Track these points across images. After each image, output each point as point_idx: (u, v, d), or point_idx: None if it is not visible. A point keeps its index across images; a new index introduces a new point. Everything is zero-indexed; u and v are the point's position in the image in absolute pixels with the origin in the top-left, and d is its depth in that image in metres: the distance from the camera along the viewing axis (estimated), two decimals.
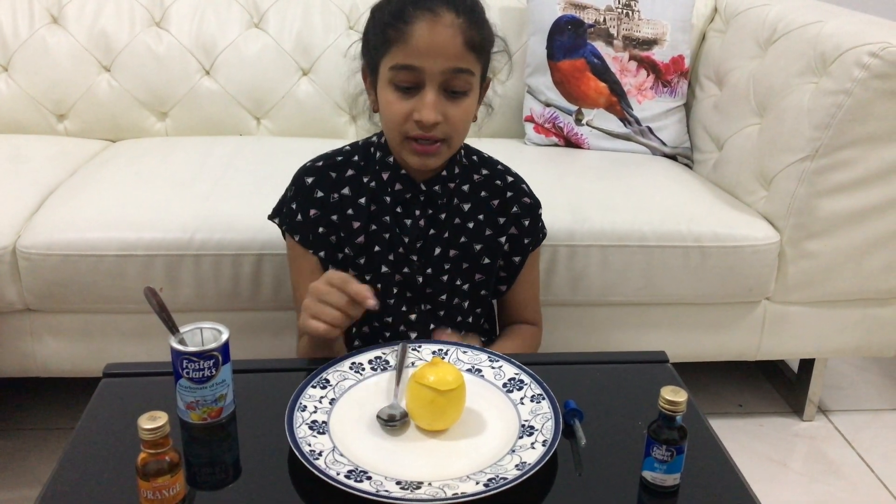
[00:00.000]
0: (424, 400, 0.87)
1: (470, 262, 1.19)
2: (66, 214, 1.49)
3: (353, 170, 1.17)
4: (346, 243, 1.17)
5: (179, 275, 1.45)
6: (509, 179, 1.21)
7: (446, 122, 1.05)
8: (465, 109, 1.07)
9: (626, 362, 1.08)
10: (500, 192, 1.20)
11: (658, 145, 1.94)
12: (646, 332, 1.63)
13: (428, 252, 1.17)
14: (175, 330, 0.90)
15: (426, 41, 1.01)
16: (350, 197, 1.16)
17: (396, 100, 1.05)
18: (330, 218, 1.16)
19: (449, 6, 1.03)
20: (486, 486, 0.78)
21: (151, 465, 0.75)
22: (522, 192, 1.22)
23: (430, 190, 1.15)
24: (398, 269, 1.16)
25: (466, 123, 1.09)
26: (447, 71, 1.03)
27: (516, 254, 1.22)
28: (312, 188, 1.16)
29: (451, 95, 1.05)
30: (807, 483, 1.63)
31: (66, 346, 1.51)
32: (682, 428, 0.81)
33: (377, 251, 1.16)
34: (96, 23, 1.94)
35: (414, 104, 1.04)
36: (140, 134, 1.99)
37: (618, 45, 1.91)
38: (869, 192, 1.55)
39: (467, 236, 1.18)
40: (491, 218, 1.19)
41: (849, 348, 1.73)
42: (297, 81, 1.99)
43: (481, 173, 1.20)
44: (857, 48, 1.46)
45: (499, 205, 1.20)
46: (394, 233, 1.16)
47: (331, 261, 1.18)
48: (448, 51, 1.02)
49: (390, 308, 1.18)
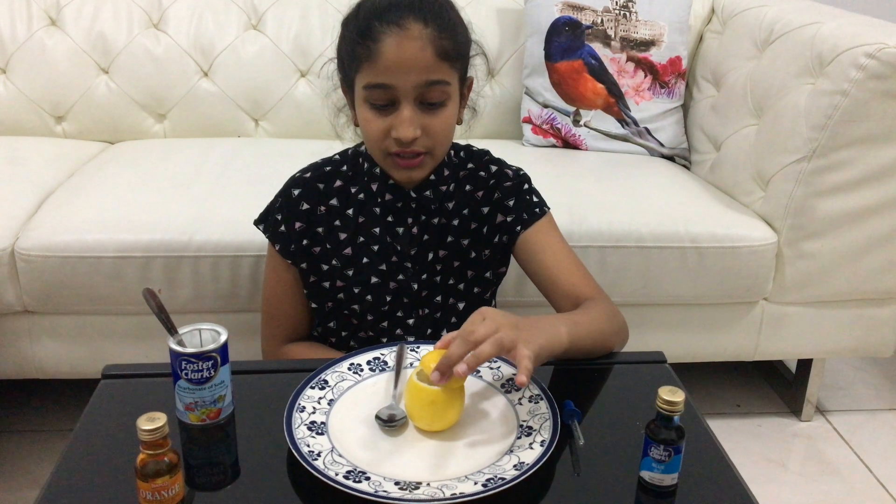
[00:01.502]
0: (423, 400, 0.87)
1: (460, 260, 1.18)
2: (65, 216, 1.49)
3: (341, 180, 1.16)
4: (334, 255, 1.16)
5: (178, 276, 1.45)
6: (493, 169, 1.18)
7: (426, 135, 1.03)
8: (444, 119, 1.04)
9: (624, 363, 1.08)
10: (484, 182, 1.17)
11: (656, 146, 1.94)
12: (644, 333, 1.64)
13: (422, 258, 1.16)
14: (174, 331, 0.90)
15: (395, 58, 0.99)
16: (338, 208, 1.15)
17: (373, 118, 1.03)
18: (315, 230, 1.15)
19: (416, 16, 0.99)
20: (484, 486, 0.79)
21: (150, 466, 0.75)
22: (505, 176, 1.18)
23: (421, 196, 1.14)
24: (392, 277, 1.16)
25: (448, 132, 1.07)
26: (420, 85, 1.00)
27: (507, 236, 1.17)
28: (298, 200, 1.15)
29: (428, 108, 1.03)
30: (805, 483, 1.64)
31: (64, 347, 1.51)
32: (679, 428, 0.81)
33: (366, 262, 1.15)
34: (94, 25, 1.94)
35: (391, 121, 1.02)
36: (138, 136, 1.99)
37: (615, 47, 1.92)
38: (866, 193, 1.55)
39: (454, 234, 1.17)
40: (475, 210, 1.17)
41: (846, 348, 1.73)
42: (296, 83, 2.00)
43: (467, 168, 1.18)
44: (853, 49, 1.46)
45: (483, 195, 1.17)
46: (385, 242, 1.15)
47: (314, 273, 1.17)
48: (419, 64, 0.99)
49: (385, 315, 1.18)
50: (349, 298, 1.17)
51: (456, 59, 1.04)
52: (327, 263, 1.16)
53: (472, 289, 1.20)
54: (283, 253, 1.16)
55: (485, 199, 1.17)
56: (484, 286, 1.22)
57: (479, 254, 1.19)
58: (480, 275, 1.20)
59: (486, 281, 1.21)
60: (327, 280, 1.17)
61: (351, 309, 1.18)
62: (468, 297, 1.21)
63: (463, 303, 1.20)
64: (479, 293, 1.21)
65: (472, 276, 1.19)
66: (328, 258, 1.16)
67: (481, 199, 1.17)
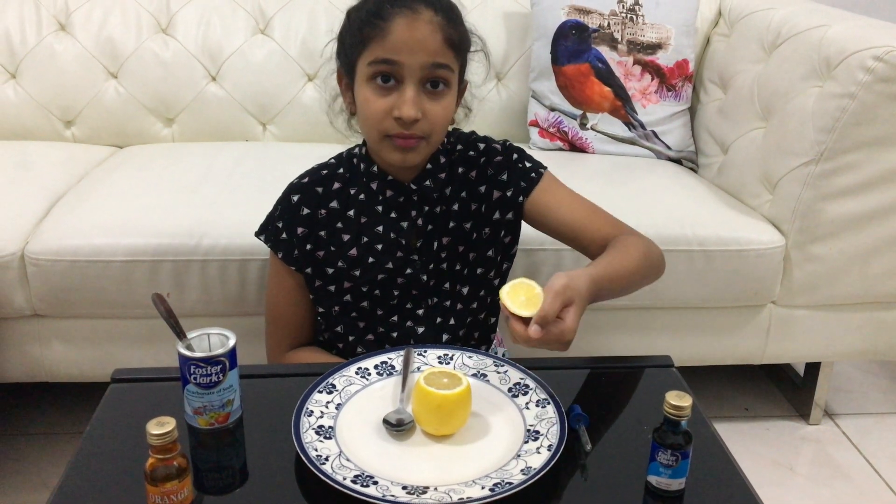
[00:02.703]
0: (430, 405, 0.88)
1: (464, 244, 1.18)
2: (74, 220, 1.50)
3: (339, 182, 1.16)
4: (338, 257, 1.16)
5: (186, 280, 1.46)
6: (481, 146, 1.19)
7: (426, 119, 1.04)
8: (444, 106, 1.06)
9: (631, 367, 1.08)
10: (475, 161, 1.18)
11: (663, 149, 1.94)
12: (651, 337, 1.63)
13: (429, 248, 1.16)
14: (182, 335, 0.91)
15: (405, 36, 1.01)
16: (338, 210, 1.16)
17: (375, 97, 1.04)
18: (318, 234, 1.16)
19: (427, 4, 1.02)
20: (491, 490, 0.79)
21: (159, 471, 0.75)
22: (494, 151, 1.18)
23: (421, 187, 1.14)
24: (400, 272, 1.16)
25: (446, 121, 1.08)
26: (427, 66, 1.02)
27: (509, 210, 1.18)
28: (298, 206, 1.15)
29: (430, 92, 1.04)
30: (813, 487, 1.63)
31: (74, 351, 1.52)
32: (687, 433, 0.81)
33: (372, 262, 1.15)
34: (103, 30, 1.95)
35: (393, 101, 1.03)
36: (147, 140, 2.00)
37: (622, 50, 1.92)
38: (874, 196, 1.55)
39: (455, 219, 1.17)
40: (472, 190, 1.17)
41: (855, 352, 1.73)
42: (303, 87, 2.00)
43: (456, 150, 1.18)
44: (861, 52, 1.46)
45: (477, 174, 1.18)
46: (389, 239, 1.15)
47: (319, 277, 1.17)
48: (427, 46, 1.02)
49: (395, 309, 1.18)
50: (357, 298, 1.17)
51: (459, 50, 1.07)
52: (332, 266, 1.17)
53: (476, 270, 1.20)
54: (287, 260, 1.17)
55: (479, 177, 1.18)
56: (487, 266, 1.20)
57: (480, 233, 1.18)
58: (483, 255, 1.19)
59: (489, 260, 1.20)
60: (333, 283, 1.17)
61: (360, 308, 1.18)
62: (472, 280, 1.20)
63: (467, 287, 1.20)
64: (482, 273, 1.20)
65: (475, 257, 1.19)
66: (333, 261, 1.16)
67: (475, 178, 1.18)
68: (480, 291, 1.21)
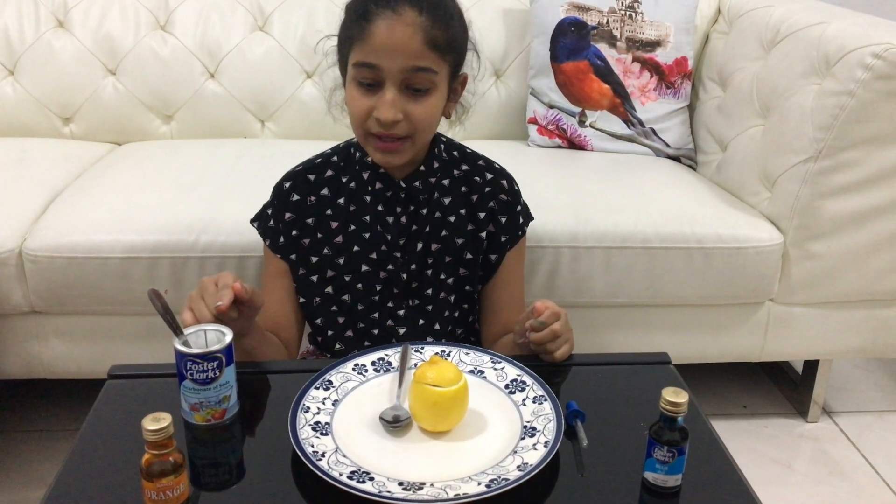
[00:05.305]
0: (427, 401, 0.88)
1: (452, 257, 1.19)
2: (72, 217, 1.49)
3: (332, 170, 1.17)
4: (325, 244, 1.17)
5: (184, 277, 1.46)
6: (489, 176, 1.20)
7: (408, 120, 1.05)
8: (427, 107, 1.06)
9: (628, 364, 1.08)
10: (479, 188, 1.19)
11: (661, 147, 1.94)
12: (649, 334, 1.63)
13: (411, 248, 1.17)
14: (179, 332, 0.91)
15: (384, 40, 1.01)
16: (329, 197, 1.17)
17: (358, 96, 1.05)
18: (305, 221, 1.16)
19: (412, 4, 1.01)
20: (488, 486, 0.79)
21: (155, 466, 0.75)
22: (501, 188, 1.20)
23: (410, 186, 1.15)
24: (382, 266, 1.17)
25: (430, 121, 1.08)
26: (406, 70, 1.02)
27: (493, 251, 1.21)
28: (289, 192, 1.17)
29: (412, 94, 1.04)
30: (811, 485, 1.63)
31: (71, 348, 1.52)
32: (683, 429, 0.81)
33: (356, 251, 1.16)
34: (102, 26, 1.95)
35: (374, 102, 1.04)
36: (145, 137, 2.00)
37: (621, 47, 1.92)
38: (872, 193, 1.55)
39: (448, 230, 1.18)
40: (472, 213, 1.18)
41: (853, 349, 1.73)
42: (301, 84, 2.00)
43: (461, 168, 1.19)
44: (860, 49, 1.46)
45: (478, 200, 1.19)
46: (375, 231, 1.16)
47: (303, 265, 1.18)
48: (406, 49, 1.01)
49: (376, 306, 1.18)
50: (339, 288, 1.18)
51: (447, 50, 1.05)
52: (317, 255, 1.17)
53: (464, 286, 1.21)
54: (273, 247, 1.18)
55: (480, 203, 1.19)
56: (473, 284, 1.22)
57: (476, 256, 1.20)
58: (472, 274, 1.21)
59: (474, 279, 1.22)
60: (315, 273, 1.18)
61: (341, 300, 1.18)
62: (458, 293, 1.21)
63: (453, 296, 1.21)
64: (470, 291, 1.22)
65: (464, 273, 1.20)
66: (318, 249, 1.17)
67: (476, 202, 1.19)
68: (464, 304, 1.23)
